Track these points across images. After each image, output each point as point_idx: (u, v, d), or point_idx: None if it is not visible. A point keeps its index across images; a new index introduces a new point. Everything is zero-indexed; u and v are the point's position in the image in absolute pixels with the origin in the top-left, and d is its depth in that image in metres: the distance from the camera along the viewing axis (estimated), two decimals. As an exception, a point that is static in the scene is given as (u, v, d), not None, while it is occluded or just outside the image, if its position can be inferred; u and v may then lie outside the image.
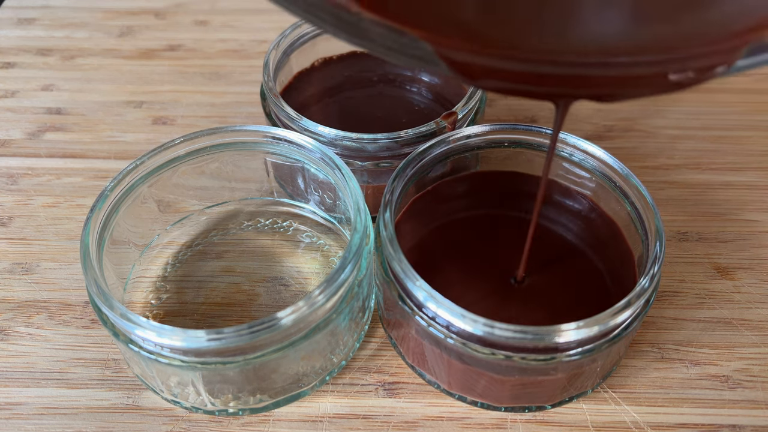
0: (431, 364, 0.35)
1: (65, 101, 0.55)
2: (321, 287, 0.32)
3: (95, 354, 0.39)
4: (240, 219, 0.44)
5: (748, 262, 0.43)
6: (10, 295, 0.42)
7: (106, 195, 0.36)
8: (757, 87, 0.56)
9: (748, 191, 0.48)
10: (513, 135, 0.39)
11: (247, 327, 0.30)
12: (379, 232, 0.34)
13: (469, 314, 0.31)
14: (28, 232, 0.45)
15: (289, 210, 0.45)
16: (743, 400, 0.37)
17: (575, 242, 0.38)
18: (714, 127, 0.53)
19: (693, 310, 0.41)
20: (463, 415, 0.36)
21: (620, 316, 0.31)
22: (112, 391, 0.37)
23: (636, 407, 0.37)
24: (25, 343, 0.39)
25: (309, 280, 0.41)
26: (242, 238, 0.43)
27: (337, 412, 0.36)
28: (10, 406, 0.37)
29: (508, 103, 0.55)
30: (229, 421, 0.36)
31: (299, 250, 0.43)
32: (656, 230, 0.34)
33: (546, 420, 0.36)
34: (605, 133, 0.52)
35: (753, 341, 0.39)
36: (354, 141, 0.39)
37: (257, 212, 0.45)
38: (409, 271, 0.32)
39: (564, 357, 0.31)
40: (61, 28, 0.63)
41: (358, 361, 0.39)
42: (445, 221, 0.39)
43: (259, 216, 0.45)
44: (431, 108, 0.47)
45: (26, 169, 0.50)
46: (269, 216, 0.45)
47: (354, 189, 0.36)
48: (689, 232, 0.45)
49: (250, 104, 0.54)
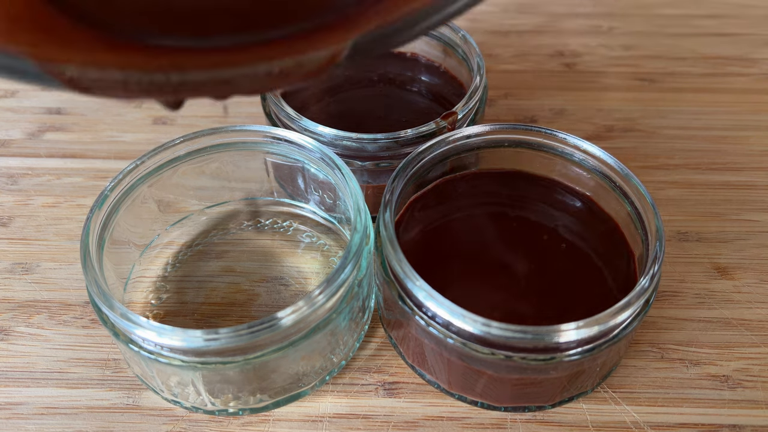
0: (431, 364, 0.35)
1: (65, 101, 0.55)
2: (321, 287, 0.32)
3: (95, 354, 0.39)
4: (240, 219, 0.44)
5: (748, 262, 0.43)
6: (10, 295, 0.42)
7: (106, 195, 0.36)
8: (757, 87, 0.56)
9: (748, 191, 0.48)
10: (513, 135, 0.39)
11: (247, 327, 0.30)
12: (379, 232, 0.34)
13: (469, 314, 0.31)
14: (28, 232, 0.45)
15: (289, 210, 0.45)
16: (743, 400, 0.37)
17: (575, 242, 0.38)
18: (714, 127, 0.53)
19: (693, 310, 0.41)
20: (463, 415, 0.36)
21: (620, 316, 0.31)
22: (112, 391, 0.37)
23: (636, 407, 0.37)
24: (25, 343, 0.39)
25: (309, 280, 0.41)
26: (242, 238, 0.43)
27: (337, 412, 0.36)
28: (10, 406, 0.37)
29: (508, 103, 0.55)
30: (229, 421, 0.36)
31: (299, 250, 0.43)
32: (656, 230, 0.34)
33: (546, 420, 0.36)
34: (605, 133, 0.52)
35: (753, 341, 0.39)
36: (354, 141, 0.39)
37: (257, 212, 0.45)
38: (409, 271, 0.32)
39: (564, 357, 0.31)
40: (61, 28, 0.63)
41: (358, 361, 0.39)
42: (445, 221, 0.39)
43: (259, 216, 0.45)
44: (431, 108, 0.47)
45: (26, 169, 0.50)
46: (269, 216, 0.45)
47: (354, 189, 0.36)
48: (689, 232, 0.45)
49: (250, 104, 0.54)
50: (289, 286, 0.41)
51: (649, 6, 0.65)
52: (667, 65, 0.58)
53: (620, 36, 0.62)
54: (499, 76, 0.57)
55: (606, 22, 0.63)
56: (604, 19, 0.64)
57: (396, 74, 0.49)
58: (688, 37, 0.61)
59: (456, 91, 0.47)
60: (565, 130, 0.39)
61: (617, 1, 0.66)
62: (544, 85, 0.57)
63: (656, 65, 0.59)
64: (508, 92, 0.56)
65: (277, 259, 0.42)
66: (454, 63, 0.48)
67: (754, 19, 0.64)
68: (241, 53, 0.23)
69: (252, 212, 0.45)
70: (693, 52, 0.60)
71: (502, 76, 0.58)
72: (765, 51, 0.60)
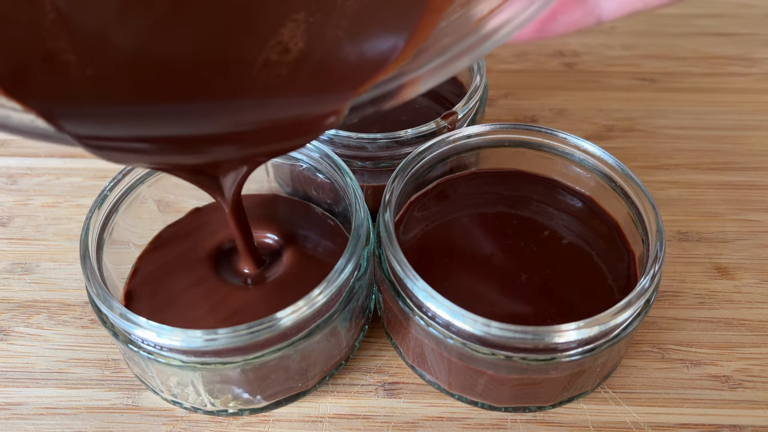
0: (431, 364, 0.35)
1: (65, 101, 0.55)
2: (321, 287, 0.32)
3: (95, 354, 0.39)
4: (240, 219, 0.44)
5: (748, 262, 0.43)
6: (9, 295, 0.42)
7: (105, 195, 0.36)
8: (757, 87, 0.56)
9: (749, 191, 0.48)
10: (513, 135, 0.39)
11: (247, 327, 0.30)
12: (379, 232, 0.34)
13: (468, 314, 0.30)
14: (28, 232, 0.45)
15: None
16: (743, 400, 0.37)
17: (576, 242, 0.38)
18: (714, 127, 0.53)
19: (693, 310, 0.41)
20: (463, 415, 0.36)
21: (620, 316, 0.31)
22: (112, 391, 0.37)
23: (636, 407, 0.36)
24: (24, 343, 0.39)
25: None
26: (242, 238, 0.43)
27: (337, 412, 0.36)
28: (10, 406, 0.37)
29: (508, 103, 0.55)
30: (229, 421, 0.36)
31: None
32: (657, 230, 0.34)
33: (546, 420, 0.36)
34: (605, 133, 0.52)
35: (753, 341, 0.39)
36: (354, 141, 0.39)
37: (257, 212, 0.45)
38: (409, 271, 0.32)
39: (564, 357, 0.31)
40: (60, 28, 0.63)
41: (358, 361, 0.39)
42: (445, 221, 0.39)
43: (258, 216, 0.44)
44: (431, 108, 0.46)
45: (26, 169, 0.50)
46: (269, 216, 0.44)
47: (354, 189, 0.36)
48: (689, 232, 0.45)
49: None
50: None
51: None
52: (667, 65, 0.58)
53: (620, 36, 0.62)
54: (499, 76, 0.57)
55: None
56: (604, 19, 0.64)
57: (396, 74, 0.49)
58: (688, 37, 0.61)
59: (456, 91, 0.47)
60: (565, 130, 0.39)
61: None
62: (544, 85, 0.57)
63: (656, 65, 0.58)
64: (508, 92, 0.56)
65: (276, 259, 0.42)
66: (454, 63, 0.48)
67: (754, 19, 0.64)
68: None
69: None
70: (693, 52, 0.60)
71: (502, 76, 0.58)
72: (765, 51, 0.60)
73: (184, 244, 0.39)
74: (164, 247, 0.39)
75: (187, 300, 0.36)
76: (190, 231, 0.40)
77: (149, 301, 0.36)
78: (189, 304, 0.35)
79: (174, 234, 0.40)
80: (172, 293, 0.36)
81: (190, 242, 0.39)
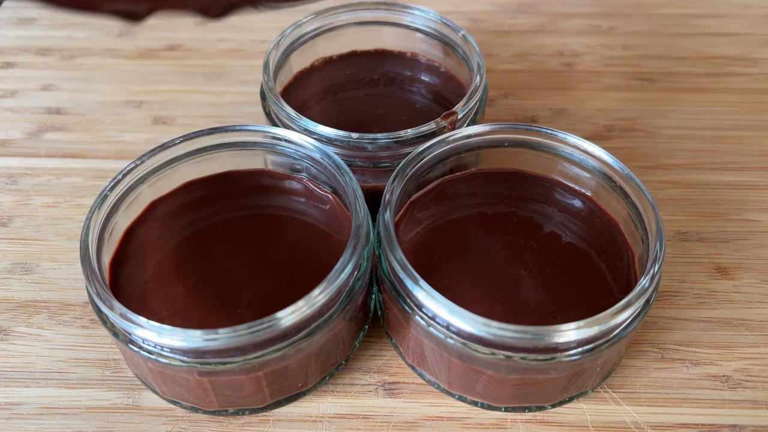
0: (431, 364, 0.35)
1: (65, 101, 0.55)
2: (321, 287, 0.32)
3: (95, 354, 0.39)
4: (240, 219, 0.44)
5: (748, 262, 0.43)
6: (9, 295, 0.42)
7: (105, 195, 0.36)
8: (757, 87, 0.56)
9: (748, 191, 0.48)
10: (513, 135, 0.39)
11: (247, 327, 0.30)
12: (379, 232, 0.34)
13: (469, 314, 0.30)
14: (28, 232, 0.45)
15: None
16: (743, 400, 0.37)
17: (576, 242, 0.38)
18: (714, 127, 0.53)
19: (693, 310, 0.41)
20: (463, 415, 0.36)
21: (620, 316, 0.31)
22: (112, 391, 0.37)
23: (636, 407, 0.37)
24: (25, 343, 0.39)
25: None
26: (242, 238, 0.43)
27: (337, 412, 0.36)
28: (10, 406, 0.37)
29: (508, 103, 0.55)
30: (229, 421, 0.36)
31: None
32: (656, 230, 0.34)
33: (546, 420, 0.36)
34: (605, 133, 0.52)
35: (753, 341, 0.39)
36: (354, 141, 0.39)
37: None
38: (409, 271, 0.32)
39: (564, 357, 0.31)
40: (60, 27, 0.63)
41: (358, 361, 0.39)
42: (445, 221, 0.39)
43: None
44: (431, 108, 0.47)
45: (26, 169, 0.50)
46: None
47: (354, 189, 0.36)
48: (689, 232, 0.45)
49: (250, 104, 0.54)
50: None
51: (649, 6, 0.65)
52: (667, 65, 0.58)
53: (620, 36, 0.62)
54: (499, 76, 0.57)
55: (606, 22, 0.63)
56: (604, 19, 0.64)
57: (396, 74, 0.49)
58: (688, 37, 0.61)
59: (456, 91, 0.47)
60: (565, 130, 0.39)
61: (617, 1, 0.66)
62: (544, 85, 0.57)
63: (656, 65, 0.58)
64: (508, 92, 0.56)
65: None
66: (454, 63, 0.48)
67: (754, 19, 0.64)
68: None
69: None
70: (693, 52, 0.60)
71: (502, 76, 0.58)
72: (765, 51, 0.60)
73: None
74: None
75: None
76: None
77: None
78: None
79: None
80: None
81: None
